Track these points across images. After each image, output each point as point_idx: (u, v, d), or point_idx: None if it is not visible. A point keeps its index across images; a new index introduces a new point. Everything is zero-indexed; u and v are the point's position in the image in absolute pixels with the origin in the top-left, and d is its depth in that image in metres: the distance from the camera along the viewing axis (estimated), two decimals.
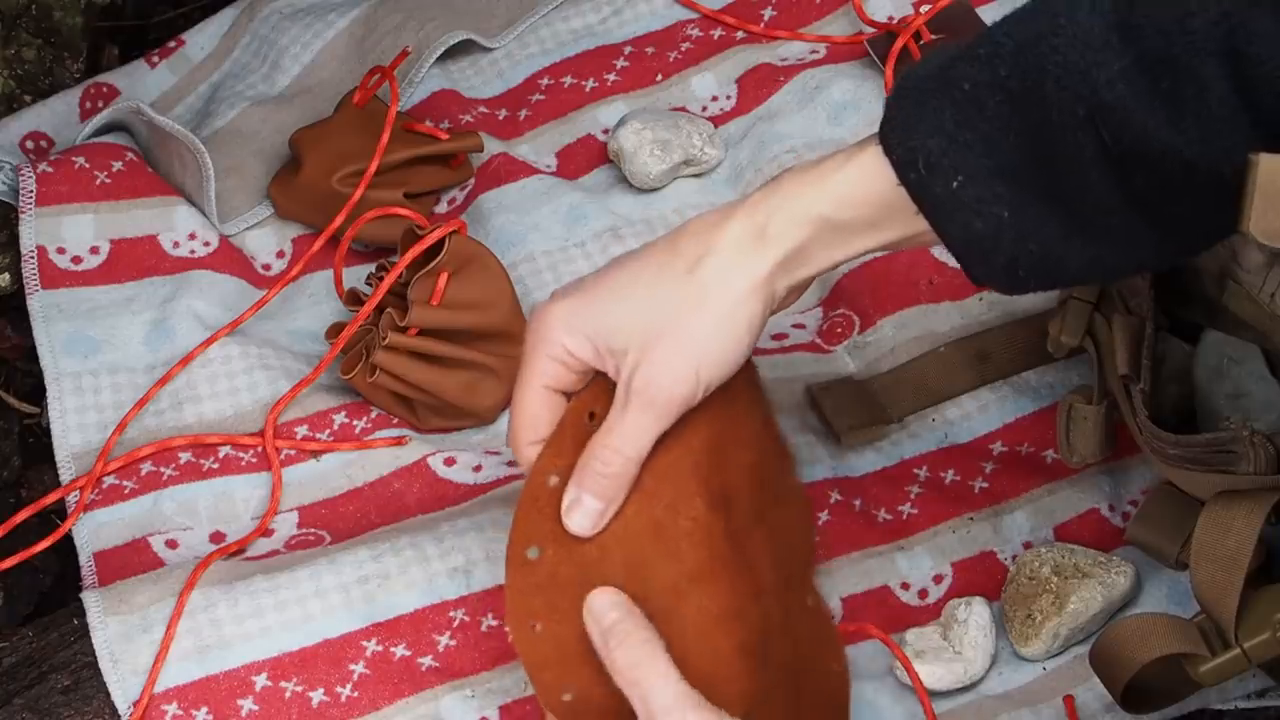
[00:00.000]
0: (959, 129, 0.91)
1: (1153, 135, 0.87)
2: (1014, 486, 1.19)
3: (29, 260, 1.30)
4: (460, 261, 1.22)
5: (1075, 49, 0.88)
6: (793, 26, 1.45)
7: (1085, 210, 0.90)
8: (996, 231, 0.91)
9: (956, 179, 0.91)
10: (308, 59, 1.46)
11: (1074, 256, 0.92)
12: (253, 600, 1.10)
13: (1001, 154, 0.90)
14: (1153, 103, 0.87)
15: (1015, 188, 0.90)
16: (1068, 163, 0.89)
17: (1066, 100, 0.88)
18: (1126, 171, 0.89)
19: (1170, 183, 0.88)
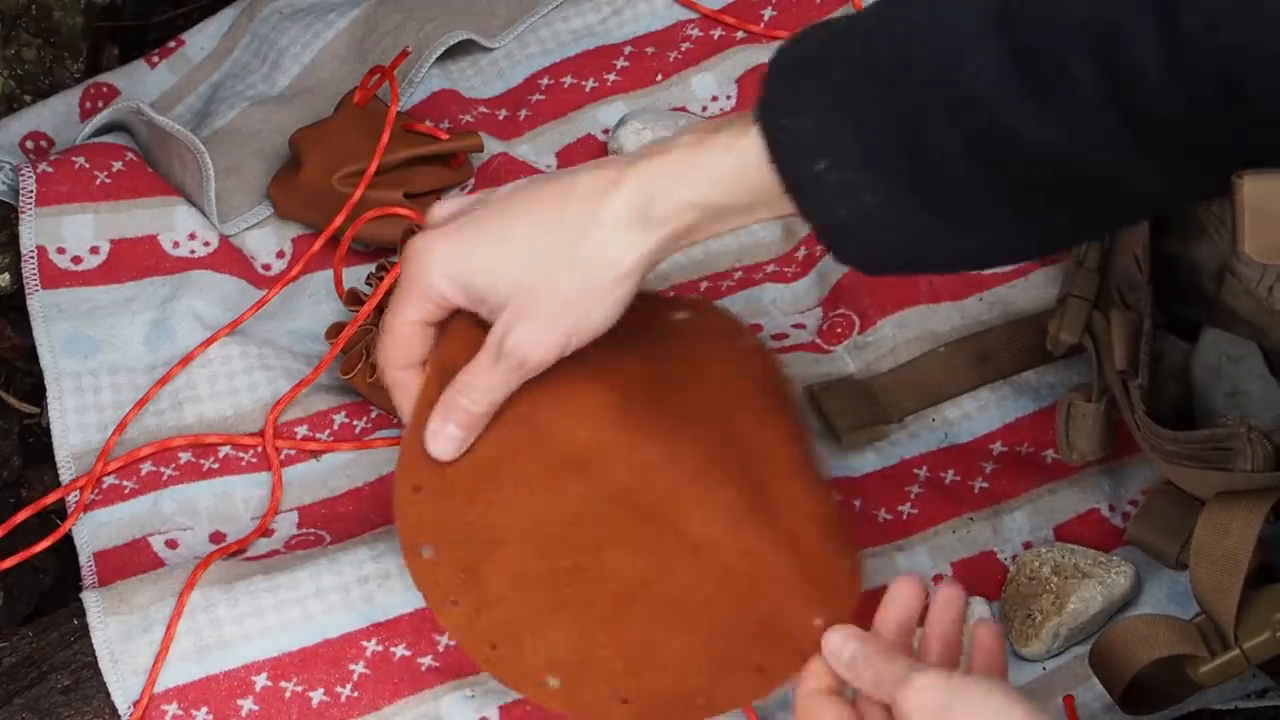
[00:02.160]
0: (829, 111, 0.90)
1: (1020, 129, 0.85)
2: (1014, 486, 1.19)
3: (29, 260, 1.30)
4: None
5: (948, 37, 0.87)
6: (793, 26, 1.45)
7: (954, 203, 0.89)
8: (861, 217, 0.90)
9: (821, 162, 0.90)
10: (308, 59, 1.46)
11: (938, 247, 0.92)
12: (253, 600, 1.10)
13: (871, 140, 0.89)
14: (1021, 95, 0.85)
15: (884, 175, 0.89)
16: (937, 154, 0.88)
17: (936, 90, 0.87)
18: (995, 166, 0.87)
19: (1040, 179, 0.87)
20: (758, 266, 1.32)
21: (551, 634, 1.01)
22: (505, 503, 1.03)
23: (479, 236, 0.96)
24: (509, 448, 1.04)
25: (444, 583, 1.02)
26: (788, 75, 0.91)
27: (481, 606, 1.01)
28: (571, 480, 1.03)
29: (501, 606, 1.01)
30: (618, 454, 1.03)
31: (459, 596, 1.02)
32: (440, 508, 1.03)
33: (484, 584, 1.02)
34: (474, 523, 1.03)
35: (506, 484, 1.03)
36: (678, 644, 1.01)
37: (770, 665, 1.01)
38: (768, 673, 1.01)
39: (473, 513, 1.03)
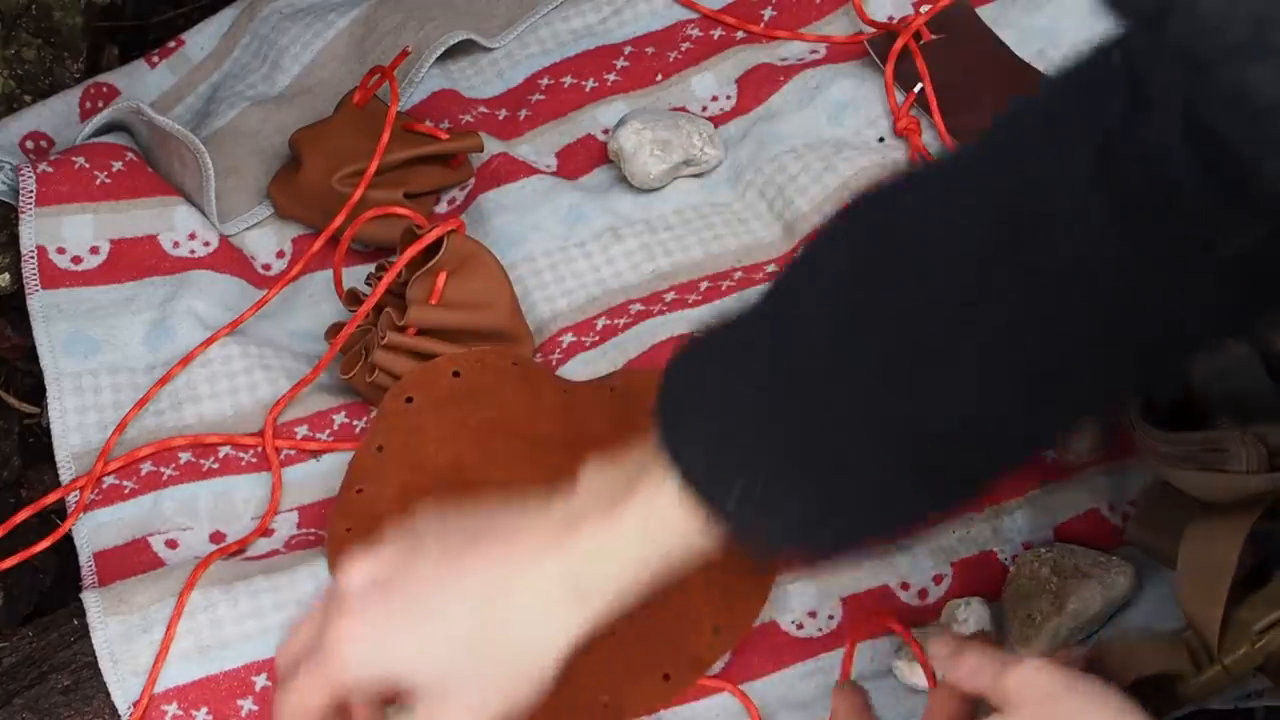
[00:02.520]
0: (728, 430, 0.85)
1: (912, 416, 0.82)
2: (1014, 486, 1.18)
3: (29, 260, 1.30)
4: (459, 261, 1.22)
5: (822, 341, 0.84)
6: (793, 26, 1.45)
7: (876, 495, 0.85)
8: (794, 526, 0.87)
9: (737, 482, 0.85)
10: (308, 59, 1.46)
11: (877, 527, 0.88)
12: (253, 600, 1.10)
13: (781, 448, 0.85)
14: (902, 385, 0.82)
15: (805, 477, 0.85)
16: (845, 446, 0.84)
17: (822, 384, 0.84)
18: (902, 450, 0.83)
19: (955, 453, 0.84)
20: (757, 266, 1.32)
21: None
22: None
23: (401, 628, 0.88)
24: (432, 491, 1.13)
25: None
26: (675, 404, 0.88)
27: None
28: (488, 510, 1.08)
29: None
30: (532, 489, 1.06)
31: None
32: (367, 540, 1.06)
33: None
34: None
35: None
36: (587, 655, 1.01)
37: (675, 672, 1.08)
38: (673, 679, 1.08)
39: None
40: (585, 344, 1.27)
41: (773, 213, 1.34)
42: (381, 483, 1.15)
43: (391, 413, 1.18)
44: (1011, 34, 1.41)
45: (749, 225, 1.35)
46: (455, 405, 1.18)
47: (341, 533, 1.13)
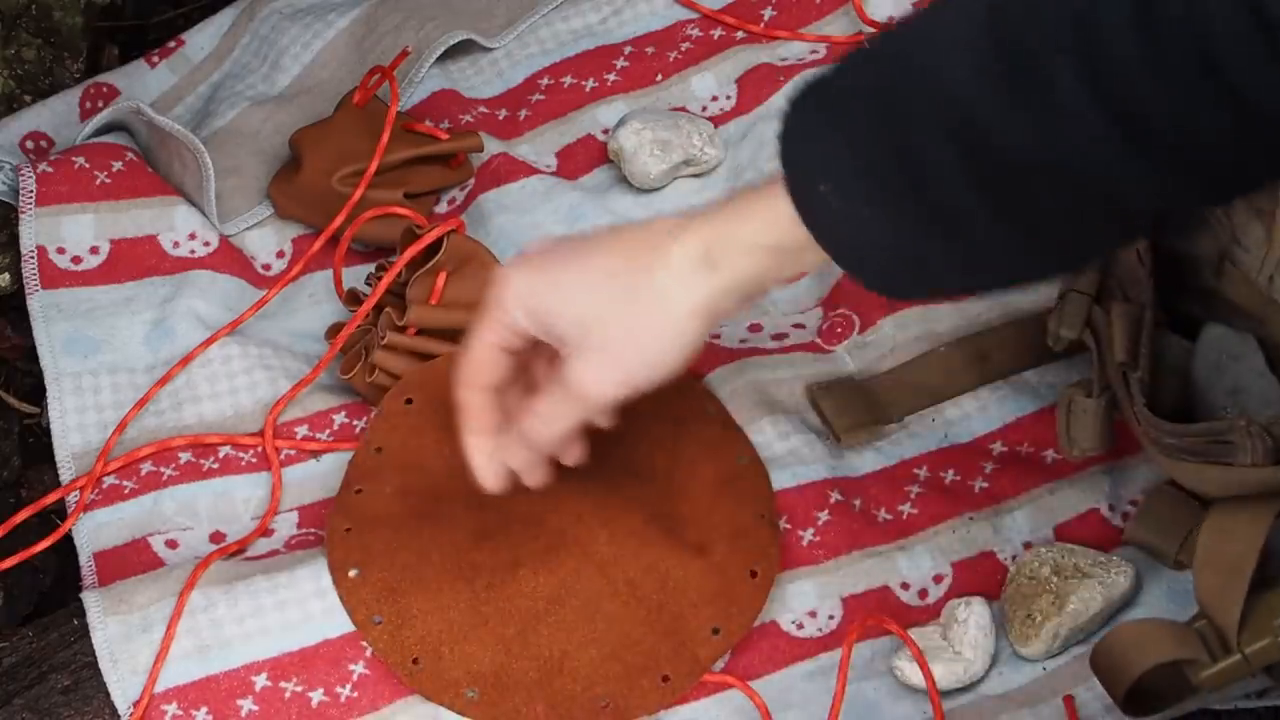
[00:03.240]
0: (830, 134, 0.91)
1: (1006, 137, 0.85)
2: (1014, 486, 1.19)
3: (29, 260, 1.30)
4: (459, 260, 1.22)
5: (937, 47, 0.87)
6: (793, 26, 1.45)
7: (954, 221, 0.89)
8: (865, 238, 0.92)
9: (824, 184, 0.91)
10: (308, 59, 1.46)
11: (949, 270, 0.92)
12: (253, 600, 1.10)
13: (869, 159, 0.90)
14: (1005, 101, 0.84)
15: (883, 194, 0.90)
16: (933, 169, 0.87)
17: (924, 101, 0.87)
18: (987, 179, 0.86)
19: (1033, 192, 0.86)
20: None
21: (470, 648, 1.09)
22: (427, 533, 1.12)
23: (555, 271, 1.01)
24: (432, 492, 1.14)
25: (368, 601, 1.10)
26: (798, 105, 0.93)
27: (403, 624, 1.09)
28: (488, 513, 1.12)
29: (422, 623, 1.09)
30: (530, 492, 1.11)
31: (382, 614, 1.09)
32: (366, 538, 1.12)
33: (406, 603, 1.10)
34: (398, 549, 1.12)
35: (428, 517, 1.13)
36: (587, 655, 1.09)
37: (674, 673, 1.09)
38: (672, 681, 1.09)
39: (397, 541, 1.12)
40: None
41: None
42: (381, 483, 1.16)
43: (391, 414, 1.18)
44: None
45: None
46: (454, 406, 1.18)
47: (341, 533, 1.13)
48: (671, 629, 1.10)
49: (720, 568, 1.12)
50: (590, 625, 1.09)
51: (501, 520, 1.13)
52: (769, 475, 1.17)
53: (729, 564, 1.12)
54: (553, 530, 1.12)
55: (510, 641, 1.09)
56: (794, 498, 1.17)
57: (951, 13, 0.88)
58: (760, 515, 1.14)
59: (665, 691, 1.09)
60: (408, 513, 1.14)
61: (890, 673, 1.11)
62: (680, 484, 1.16)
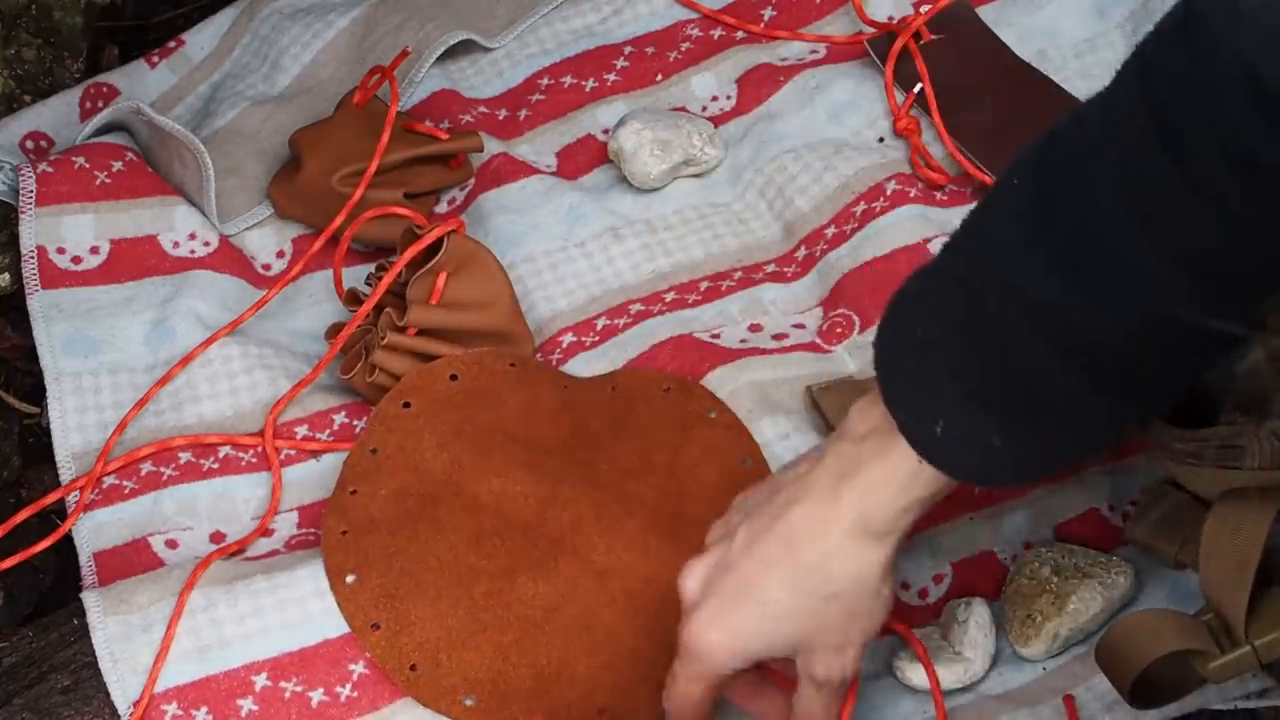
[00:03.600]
0: (928, 374, 0.93)
1: (1088, 321, 0.87)
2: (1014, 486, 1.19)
3: (29, 260, 1.30)
4: (459, 261, 1.22)
5: (1003, 258, 0.89)
6: (793, 26, 1.45)
7: (1067, 413, 0.92)
8: (995, 458, 0.94)
9: (938, 425, 0.93)
10: (308, 59, 1.46)
11: (1072, 451, 0.96)
12: (253, 600, 1.10)
13: (972, 385, 0.92)
14: (1078, 286, 0.86)
15: (996, 413, 0.92)
16: (1034, 376, 0.90)
17: (1008, 314, 0.89)
18: (1083, 365, 0.89)
19: (1129, 359, 0.89)
20: (757, 266, 1.32)
21: (468, 655, 1.09)
22: (425, 538, 1.12)
23: (743, 615, 1.00)
24: (429, 495, 1.14)
25: (366, 607, 1.10)
26: (888, 346, 0.97)
27: (401, 630, 1.09)
28: (486, 517, 1.12)
29: (421, 629, 1.09)
30: (529, 496, 1.13)
31: (380, 620, 1.09)
32: (362, 542, 1.12)
33: (404, 609, 1.10)
34: (395, 554, 1.11)
35: (425, 521, 1.12)
36: (584, 664, 1.09)
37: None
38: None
39: (394, 545, 1.12)
40: (585, 344, 1.27)
41: (773, 213, 1.34)
42: (376, 485, 1.15)
43: (388, 416, 1.18)
44: (1011, 34, 1.41)
45: (749, 225, 1.35)
46: (452, 410, 1.18)
47: (336, 535, 1.13)
48: (668, 639, 1.09)
49: None
50: (588, 634, 1.09)
51: (499, 524, 1.13)
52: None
53: None
54: (550, 537, 1.12)
55: (508, 649, 1.09)
56: None
57: (1005, 220, 0.90)
58: None
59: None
60: (404, 516, 1.13)
61: (890, 672, 1.11)
62: (682, 484, 1.16)
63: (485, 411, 1.18)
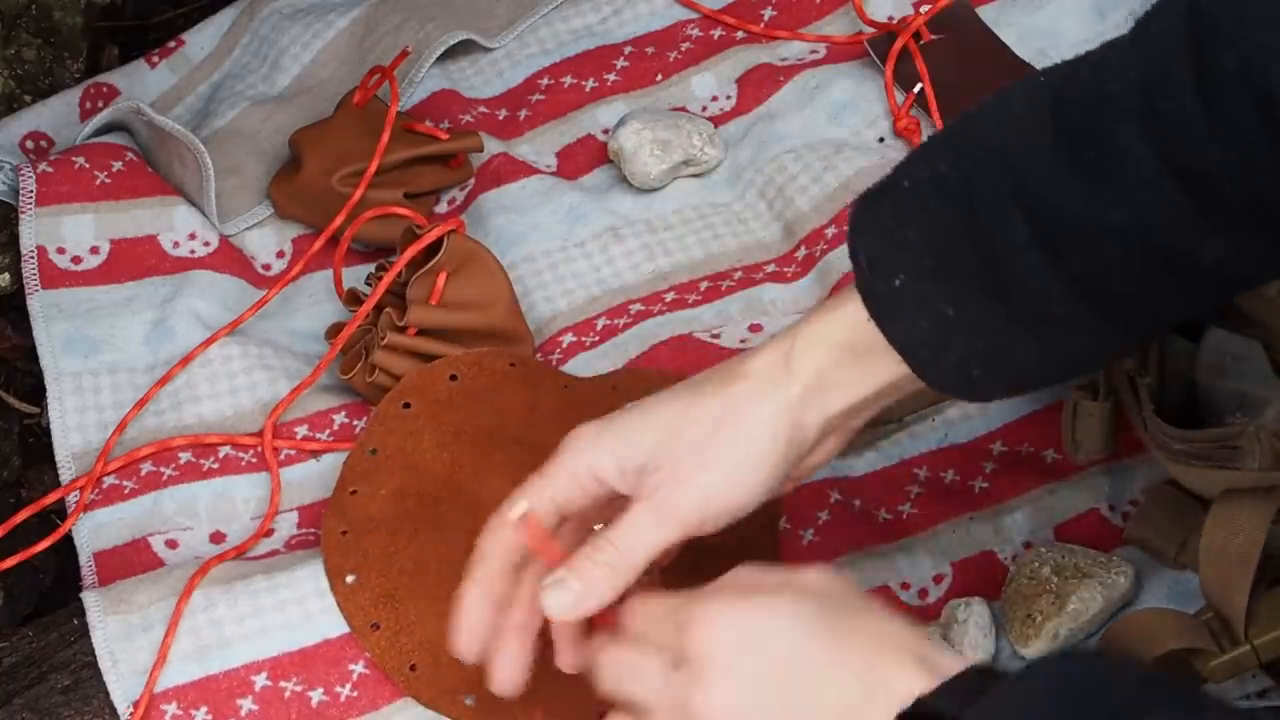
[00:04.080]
0: (899, 227, 0.90)
1: (1076, 211, 0.86)
2: (1014, 486, 1.19)
3: (29, 260, 1.30)
4: (459, 261, 1.22)
5: (1003, 133, 0.88)
6: (793, 26, 1.45)
7: (1029, 302, 0.89)
8: (943, 329, 0.90)
9: (898, 277, 0.90)
10: (308, 59, 1.46)
11: (1025, 353, 0.91)
12: (253, 600, 1.10)
13: (941, 250, 0.89)
14: (1073, 176, 0.85)
15: (957, 283, 0.89)
16: (1005, 251, 0.88)
17: (994, 187, 0.87)
18: (1061, 255, 0.87)
19: (1109, 263, 0.87)
20: (757, 266, 1.32)
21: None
22: (425, 538, 1.12)
23: (627, 414, 0.95)
24: (429, 496, 1.13)
25: (366, 607, 1.10)
26: (865, 202, 0.93)
27: (401, 629, 1.09)
28: (486, 517, 1.08)
29: (421, 629, 1.09)
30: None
31: (380, 620, 1.09)
32: (362, 542, 1.12)
33: (404, 608, 1.09)
34: (395, 554, 1.11)
35: (425, 522, 1.12)
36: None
37: None
38: None
39: (394, 545, 1.11)
40: (585, 344, 1.27)
41: (772, 213, 1.34)
42: (376, 484, 1.15)
43: (388, 416, 1.18)
44: (1011, 34, 1.41)
45: (749, 225, 1.35)
46: (452, 410, 1.18)
47: (336, 536, 1.13)
48: None
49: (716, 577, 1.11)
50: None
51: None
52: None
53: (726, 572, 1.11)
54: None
55: None
56: (794, 498, 1.17)
57: (1017, 96, 0.89)
58: (762, 525, 1.14)
59: None
60: (404, 516, 1.13)
61: None
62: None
63: (485, 412, 1.18)
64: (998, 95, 0.92)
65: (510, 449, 1.16)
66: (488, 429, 1.17)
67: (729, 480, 0.93)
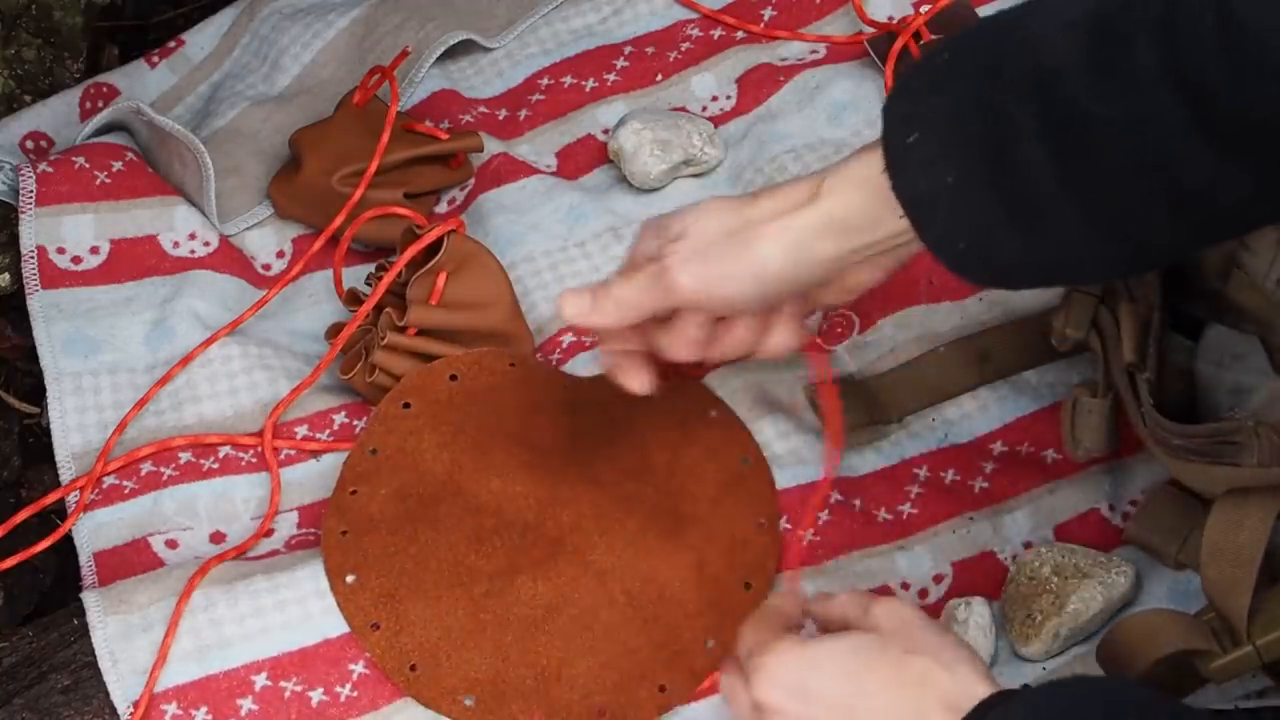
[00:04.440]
0: (929, 91, 0.95)
1: (1084, 103, 0.89)
2: (1014, 486, 1.19)
3: (29, 260, 1.30)
4: (459, 261, 1.22)
5: (1042, 19, 0.92)
6: (793, 26, 1.45)
7: (1024, 190, 0.92)
8: (940, 193, 0.95)
9: (912, 134, 0.95)
10: (308, 59, 1.46)
11: (1011, 244, 0.95)
12: (253, 600, 1.10)
13: (959, 122, 0.94)
14: (1088, 69, 0.88)
15: (965, 154, 0.93)
16: (1012, 135, 0.91)
17: (1018, 64, 0.91)
18: (1063, 147, 0.90)
19: (1104, 163, 0.90)
20: None
21: (467, 654, 1.09)
22: (425, 538, 1.12)
23: (688, 208, 1.08)
24: (429, 496, 1.14)
25: (366, 607, 1.10)
26: (906, 72, 0.99)
27: (401, 629, 1.09)
28: (486, 517, 1.12)
29: (421, 629, 1.09)
30: (529, 496, 1.13)
31: (380, 620, 1.09)
32: (362, 542, 1.12)
33: (404, 609, 1.10)
34: (395, 554, 1.11)
35: (425, 521, 1.12)
36: (584, 663, 1.09)
37: (670, 683, 1.10)
38: (668, 690, 1.10)
39: (394, 545, 1.12)
40: (585, 344, 1.27)
41: None
42: (376, 485, 1.15)
43: (388, 417, 1.18)
44: None
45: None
46: (453, 410, 1.18)
47: (336, 535, 1.13)
48: (667, 640, 1.10)
49: (716, 579, 1.12)
50: (588, 634, 1.09)
51: (499, 524, 1.13)
52: (773, 476, 1.17)
53: (725, 576, 1.12)
54: (550, 537, 1.12)
55: (508, 649, 1.09)
56: (794, 498, 1.17)
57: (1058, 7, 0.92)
58: (760, 522, 1.14)
59: (662, 700, 1.09)
60: (404, 516, 1.13)
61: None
62: (682, 484, 1.16)
63: (485, 412, 1.18)
64: None
65: (510, 449, 1.16)
66: (488, 428, 1.17)
67: (729, 279, 1.04)
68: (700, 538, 1.13)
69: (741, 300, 1.06)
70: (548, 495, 1.13)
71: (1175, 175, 0.88)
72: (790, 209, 1.03)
